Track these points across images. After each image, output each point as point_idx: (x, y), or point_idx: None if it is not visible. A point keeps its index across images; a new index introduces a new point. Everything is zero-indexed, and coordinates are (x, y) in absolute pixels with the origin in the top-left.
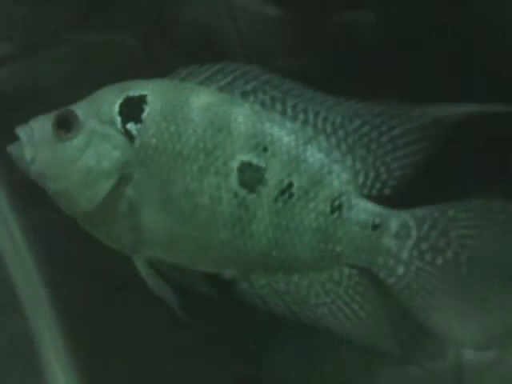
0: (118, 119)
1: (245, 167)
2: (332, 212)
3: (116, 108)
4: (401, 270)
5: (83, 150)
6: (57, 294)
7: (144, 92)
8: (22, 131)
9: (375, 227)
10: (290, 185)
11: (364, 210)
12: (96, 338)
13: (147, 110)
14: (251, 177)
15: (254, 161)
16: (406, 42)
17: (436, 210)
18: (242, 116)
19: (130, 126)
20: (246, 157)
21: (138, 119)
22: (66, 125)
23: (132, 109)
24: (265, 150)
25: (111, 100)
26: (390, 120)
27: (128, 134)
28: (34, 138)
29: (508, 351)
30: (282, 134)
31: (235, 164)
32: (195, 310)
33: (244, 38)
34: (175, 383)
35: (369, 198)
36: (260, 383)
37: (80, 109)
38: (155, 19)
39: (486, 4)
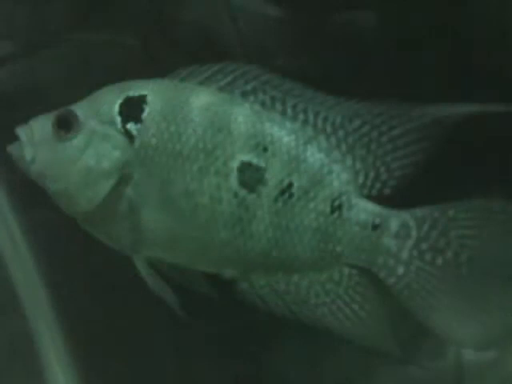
0: (118, 119)
1: (245, 167)
2: (332, 212)
3: (116, 108)
4: (401, 270)
5: (83, 150)
6: (57, 294)
7: (144, 92)
8: (21, 131)
9: (375, 227)
10: (290, 185)
11: (364, 210)
12: (96, 338)
13: (147, 110)
14: (251, 177)
15: (254, 161)
16: (406, 41)
17: (436, 210)
18: (242, 116)
19: (130, 126)
20: (246, 157)
21: (138, 119)
22: (66, 125)
23: (132, 109)
24: (265, 150)
25: (111, 100)
26: (390, 120)
27: (128, 134)
28: (34, 138)
29: (508, 351)
30: (282, 134)
31: (235, 164)
32: (195, 310)
33: (244, 38)
34: (175, 383)
35: (369, 198)
36: (260, 383)
37: (80, 109)
38: (155, 19)
39: (485, 4)
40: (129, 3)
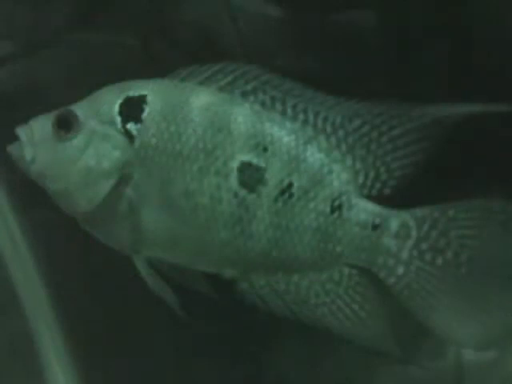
0: (118, 119)
1: (245, 167)
2: (332, 212)
3: (116, 108)
4: (401, 270)
5: (83, 150)
6: (57, 294)
7: (144, 92)
8: (21, 131)
9: (375, 227)
10: (290, 185)
11: (364, 210)
12: (96, 338)
13: (147, 110)
14: (251, 177)
15: (254, 161)
16: (406, 41)
17: (436, 210)
18: (242, 116)
19: (130, 126)
20: (246, 157)
21: (138, 119)
22: (66, 125)
23: (132, 109)
24: (265, 150)
25: (111, 100)
26: (390, 120)
27: (128, 134)
28: (34, 138)
29: (508, 351)
30: (282, 134)
31: (235, 164)
32: (195, 310)
33: (244, 38)
34: (175, 383)
35: (369, 198)
36: (260, 383)
37: (80, 109)
38: (155, 19)
39: (485, 4)
40: (129, 3)
